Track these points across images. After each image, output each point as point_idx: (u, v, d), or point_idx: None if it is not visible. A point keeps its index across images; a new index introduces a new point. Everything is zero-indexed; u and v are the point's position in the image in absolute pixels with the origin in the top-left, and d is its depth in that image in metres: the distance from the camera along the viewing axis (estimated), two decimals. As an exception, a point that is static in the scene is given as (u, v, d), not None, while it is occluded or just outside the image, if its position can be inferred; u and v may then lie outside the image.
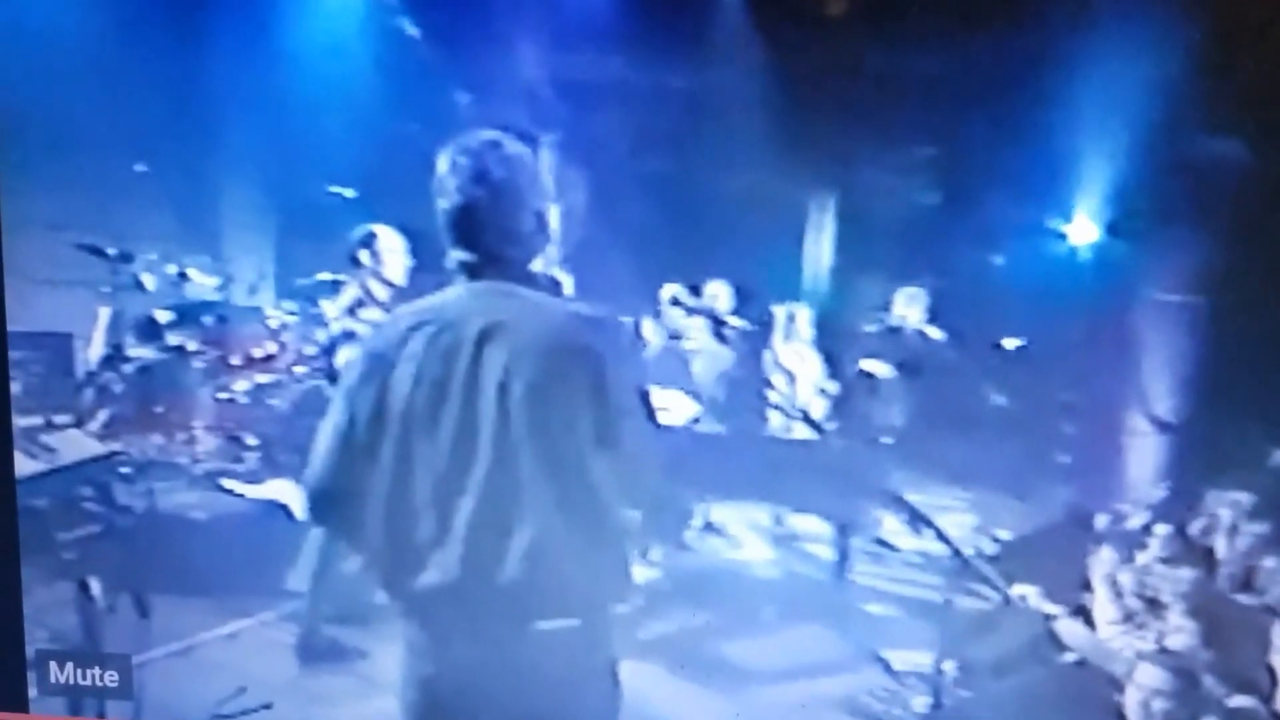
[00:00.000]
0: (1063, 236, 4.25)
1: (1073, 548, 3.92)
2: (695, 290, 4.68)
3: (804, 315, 4.70)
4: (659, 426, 2.89)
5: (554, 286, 2.87)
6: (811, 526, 4.45)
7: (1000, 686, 3.64)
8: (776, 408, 4.60)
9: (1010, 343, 4.36)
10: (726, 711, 3.62)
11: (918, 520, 3.46)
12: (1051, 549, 4.03)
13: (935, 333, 4.64)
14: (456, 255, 2.59)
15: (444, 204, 2.58)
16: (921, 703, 3.36)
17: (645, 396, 2.73)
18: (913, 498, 3.65)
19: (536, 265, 2.66)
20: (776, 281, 4.70)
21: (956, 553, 3.27)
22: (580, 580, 2.54)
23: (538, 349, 2.49)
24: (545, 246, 2.69)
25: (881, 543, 4.17)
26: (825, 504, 4.25)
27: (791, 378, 4.72)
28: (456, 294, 2.58)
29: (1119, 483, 4.22)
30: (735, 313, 4.69)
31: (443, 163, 2.60)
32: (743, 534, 4.46)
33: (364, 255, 4.07)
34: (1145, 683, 3.45)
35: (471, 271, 2.58)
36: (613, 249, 3.67)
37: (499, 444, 2.47)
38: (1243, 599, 3.66)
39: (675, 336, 4.67)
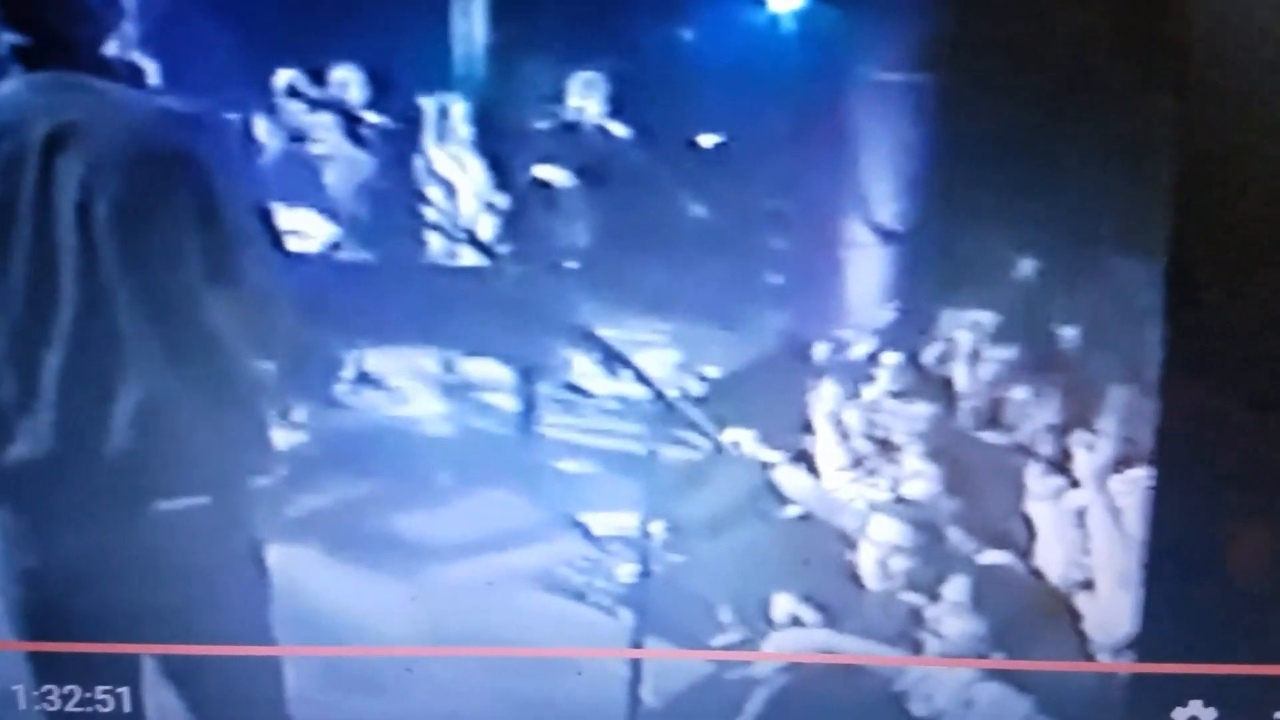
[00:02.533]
0: (762, 2, 4.28)
1: (790, 384, 4.00)
2: (318, 78, 4.49)
3: (459, 109, 4.59)
4: (287, 255, 2.80)
5: (135, 75, 2.68)
6: (489, 372, 4.41)
7: (716, 547, 3.71)
8: (435, 228, 4.50)
9: (707, 139, 4.35)
10: (399, 595, 3.63)
11: (613, 359, 3.49)
12: (766, 386, 4.10)
13: (619, 129, 4.56)
14: (5, 37, 2.40)
15: (-18, -31, 2.37)
16: (628, 571, 3.42)
17: (266, 216, 2.66)
18: (605, 333, 3.68)
19: (110, 48, 2.49)
20: (421, 66, 4.54)
21: (659, 395, 3.32)
22: (206, 449, 2.49)
23: (121, 157, 2.37)
24: (119, 23, 2.53)
25: (572, 388, 4.16)
26: (503, 345, 4.23)
27: (450, 189, 4.60)
28: (12, 89, 2.43)
29: (839, 305, 4.34)
30: (372, 107, 4.51)
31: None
32: (406, 385, 4.38)
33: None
34: (881, 538, 3.56)
35: (28, 58, 2.41)
36: (207, 25, 3.46)
37: (85, 281, 2.35)
38: (989, 437, 3.82)
39: (298, 138, 4.48)
